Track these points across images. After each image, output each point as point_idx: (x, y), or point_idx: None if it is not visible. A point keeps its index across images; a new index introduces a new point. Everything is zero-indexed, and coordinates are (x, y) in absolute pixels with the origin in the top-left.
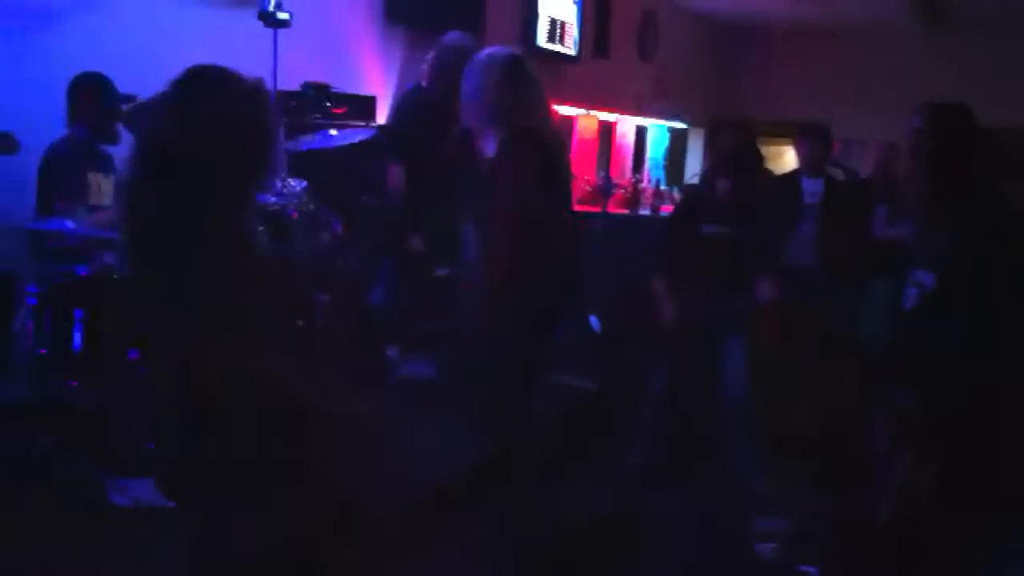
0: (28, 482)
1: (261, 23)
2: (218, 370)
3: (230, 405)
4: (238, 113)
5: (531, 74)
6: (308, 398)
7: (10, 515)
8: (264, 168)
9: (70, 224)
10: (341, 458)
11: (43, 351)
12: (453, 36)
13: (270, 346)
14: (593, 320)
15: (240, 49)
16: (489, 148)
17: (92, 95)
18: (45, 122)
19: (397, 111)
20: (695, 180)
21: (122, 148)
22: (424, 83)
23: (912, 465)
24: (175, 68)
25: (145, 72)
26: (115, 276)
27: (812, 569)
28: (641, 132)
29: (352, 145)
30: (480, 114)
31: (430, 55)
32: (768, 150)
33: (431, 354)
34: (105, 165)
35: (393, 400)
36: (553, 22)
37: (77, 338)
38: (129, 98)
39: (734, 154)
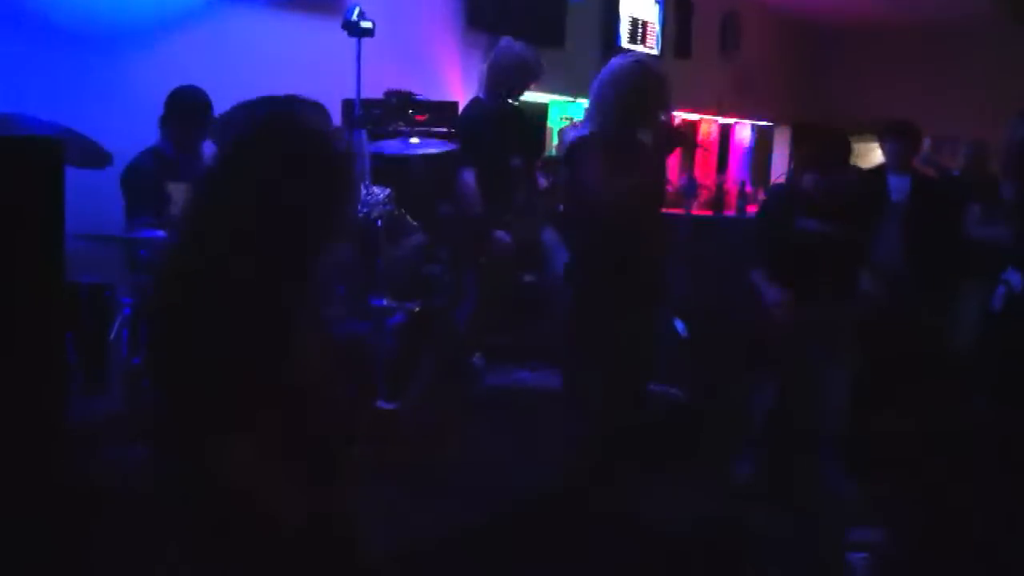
0: (122, 490)
1: (345, 32)
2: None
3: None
4: (313, 178)
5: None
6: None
7: (107, 523)
8: (330, 239)
9: (162, 234)
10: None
11: (137, 360)
12: (503, 43)
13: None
14: (679, 325)
15: (324, 58)
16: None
17: (175, 107)
18: (142, 135)
19: (459, 123)
20: (781, 179)
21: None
22: (480, 94)
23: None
24: (262, 78)
25: (232, 82)
26: None
27: None
28: (725, 131)
29: (432, 154)
30: None
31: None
32: (855, 148)
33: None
34: (189, 175)
35: (478, 409)
36: (635, 22)
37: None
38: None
39: (824, 148)
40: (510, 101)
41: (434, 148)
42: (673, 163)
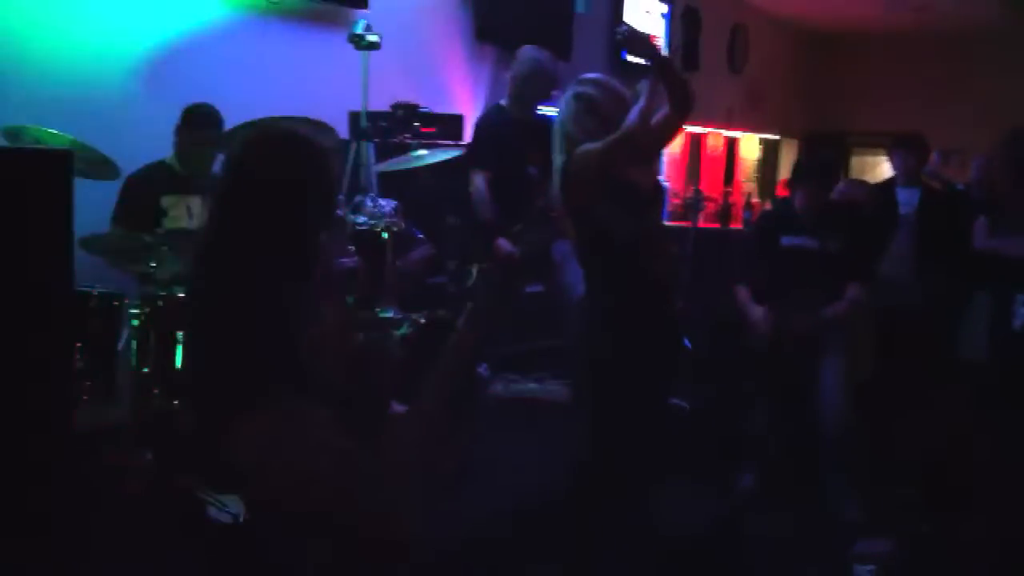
0: (130, 499)
1: (352, 45)
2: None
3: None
4: (298, 171)
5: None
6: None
7: (112, 532)
8: (319, 228)
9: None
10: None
11: (145, 370)
12: (525, 51)
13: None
14: (684, 338)
15: (332, 70)
16: None
17: (186, 123)
18: (151, 148)
19: (476, 127)
20: (786, 193)
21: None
22: (503, 101)
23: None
24: (270, 90)
25: (240, 94)
26: None
27: None
28: (732, 144)
29: (439, 164)
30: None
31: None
32: (864, 160)
33: (523, 373)
34: (196, 190)
35: (483, 418)
36: None
37: (178, 358)
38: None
39: (809, 165)
40: (535, 111)
41: (439, 156)
42: (680, 173)
